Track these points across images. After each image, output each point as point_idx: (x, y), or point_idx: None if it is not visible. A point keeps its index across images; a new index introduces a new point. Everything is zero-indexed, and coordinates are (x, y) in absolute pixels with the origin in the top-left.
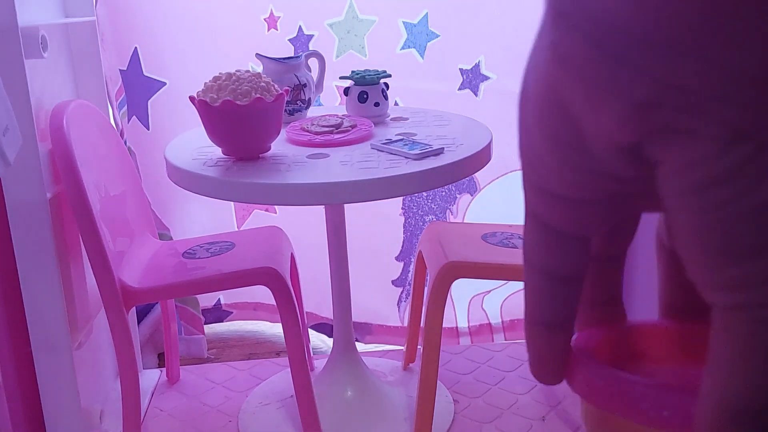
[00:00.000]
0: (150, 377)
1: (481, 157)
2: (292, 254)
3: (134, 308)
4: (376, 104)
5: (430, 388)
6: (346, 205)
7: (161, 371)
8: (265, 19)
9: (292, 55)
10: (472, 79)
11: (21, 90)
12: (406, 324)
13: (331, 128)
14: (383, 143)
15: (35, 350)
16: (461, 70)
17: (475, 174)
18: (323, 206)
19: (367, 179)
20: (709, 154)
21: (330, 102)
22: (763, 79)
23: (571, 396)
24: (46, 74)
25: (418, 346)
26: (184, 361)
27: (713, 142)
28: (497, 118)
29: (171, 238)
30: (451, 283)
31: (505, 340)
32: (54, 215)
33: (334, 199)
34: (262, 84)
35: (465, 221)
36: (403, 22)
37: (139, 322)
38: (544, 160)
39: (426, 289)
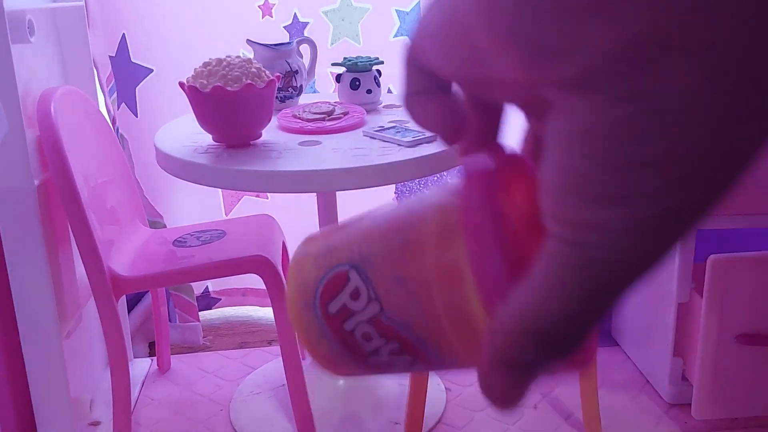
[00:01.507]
0: (141, 366)
1: None
2: (283, 242)
3: (124, 297)
4: (369, 91)
5: (423, 376)
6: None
7: (152, 360)
8: (259, 7)
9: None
10: None
11: (7, 76)
12: None
13: (323, 115)
14: (376, 130)
15: (24, 340)
16: None
17: None
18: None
19: (359, 166)
20: (597, 107)
21: (326, 89)
22: (660, 47)
23: (562, 385)
24: (33, 60)
25: None
26: (174, 350)
27: (604, 95)
28: None
29: (164, 226)
30: None
31: None
32: (42, 203)
33: (325, 186)
34: (253, 70)
35: None
36: (396, 11)
37: (129, 311)
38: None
39: None
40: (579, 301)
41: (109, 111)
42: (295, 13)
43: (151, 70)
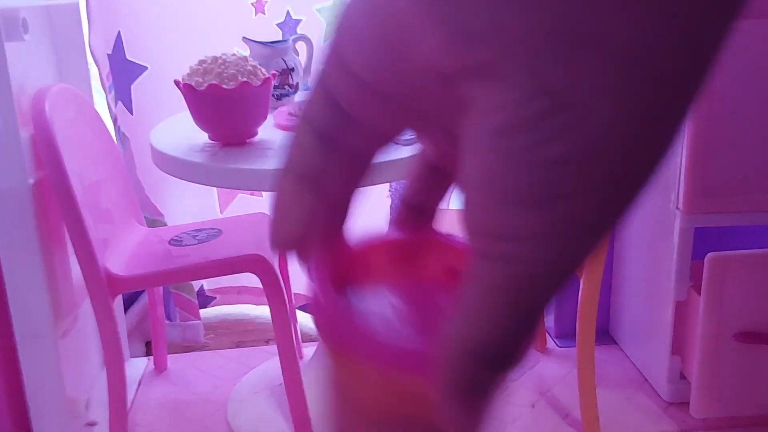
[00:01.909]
0: (137, 366)
1: None
2: None
3: (120, 296)
4: None
5: None
6: None
7: (148, 359)
8: (252, 4)
9: (280, 39)
10: None
11: (1, 74)
12: None
13: None
14: None
15: (19, 339)
16: None
17: None
18: None
19: None
20: (514, 101)
21: None
22: (574, 41)
23: (560, 384)
24: (27, 58)
25: None
26: (171, 349)
27: (521, 89)
28: None
29: (165, 224)
30: None
31: None
32: (37, 202)
33: None
34: (249, 68)
35: (451, 202)
36: None
37: (126, 310)
38: (363, 46)
39: None
40: (511, 316)
41: (111, 110)
42: (288, 11)
43: (146, 68)
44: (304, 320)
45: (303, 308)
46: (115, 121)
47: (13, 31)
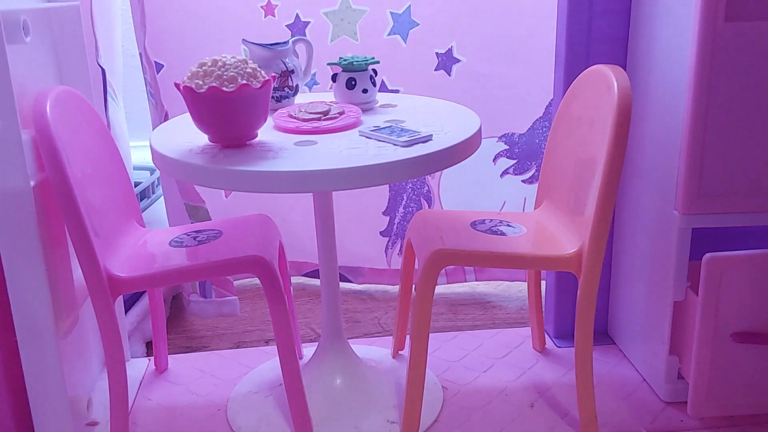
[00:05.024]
0: (138, 366)
1: (469, 144)
2: (280, 242)
3: (121, 297)
4: (365, 91)
5: (419, 375)
6: None
7: (149, 360)
8: (262, 7)
9: (284, 40)
10: (446, 61)
11: (2, 76)
12: (393, 267)
13: (319, 115)
14: (371, 130)
15: (20, 339)
16: (437, 53)
17: None
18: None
19: (354, 167)
20: None
21: (326, 82)
22: None
23: (559, 384)
24: (28, 60)
25: (407, 334)
26: (172, 350)
27: None
28: (466, 94)
29: (207, 211)
30: (440, 270)
31: (476, 280)
32: (38, 203)
33: (321, 186)
34: (248, 70)
35: (440, 185)
36: (390, 12)
37: (127, 311)
38: None
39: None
40: None
41: (152, 109)
42: (297, 14)
43: (162, 65)
44: (305, 321)
45: (308, 275)
46: (165, 117)
47: (14, 33)
